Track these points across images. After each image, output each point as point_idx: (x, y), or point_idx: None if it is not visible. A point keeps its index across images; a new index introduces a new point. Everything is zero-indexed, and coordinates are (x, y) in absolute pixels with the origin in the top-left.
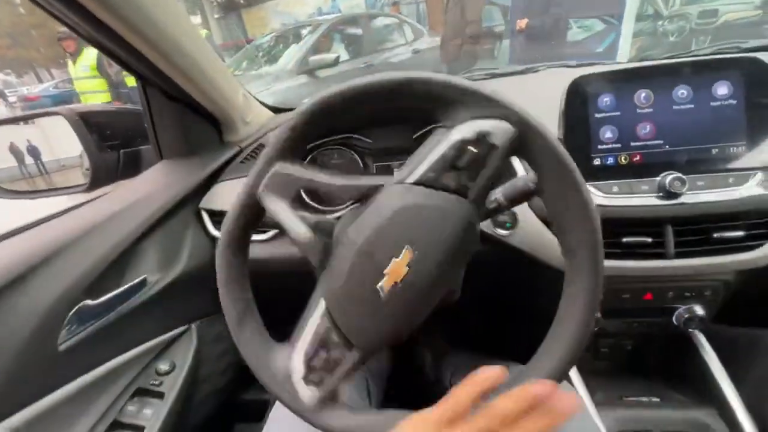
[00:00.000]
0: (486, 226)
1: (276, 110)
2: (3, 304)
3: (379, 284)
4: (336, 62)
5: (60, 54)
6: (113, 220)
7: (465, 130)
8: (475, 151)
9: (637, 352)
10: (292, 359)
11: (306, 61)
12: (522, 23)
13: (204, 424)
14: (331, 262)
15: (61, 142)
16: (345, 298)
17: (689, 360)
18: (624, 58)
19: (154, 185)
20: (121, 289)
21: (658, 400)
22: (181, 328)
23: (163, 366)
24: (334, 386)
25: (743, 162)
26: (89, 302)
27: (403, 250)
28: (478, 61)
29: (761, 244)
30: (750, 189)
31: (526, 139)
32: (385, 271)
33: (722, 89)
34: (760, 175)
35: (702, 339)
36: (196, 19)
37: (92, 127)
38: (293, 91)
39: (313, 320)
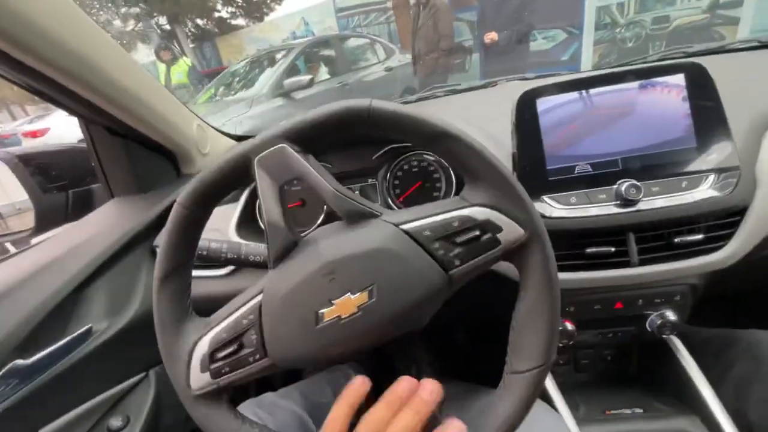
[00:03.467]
0: None
1: (239, 138)
2: None
3: (322, 310)
4: (311, 83)
5: None
6: (51, 266)
7: (480, 212)
8: (478, 235)
9: (617, 362)
10: (202, 337)
11: (281, 84)
12: (489, 36)
13: None
14: (286, 264)
15: (15, 187)
16: (282, 305)
17: (668, 366)
18: (588, 64)
19: (101, 225)
20: (61, 342)
21: (641, 411)
22: (137, 377)
23: (116, 422)
24: (228, 384)
25: (695, 165)
26: (21, 362)
27: (362, 291)
28: (451, 76)
29: (722, 245)
30: (703, 192)
31: (527, 250)
32: (333, 300)
33: (669, 94)
34: (712, 177)
35: (678, 344)
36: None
37: (34, 168)
38: (270, 114)
39: (241, 310)
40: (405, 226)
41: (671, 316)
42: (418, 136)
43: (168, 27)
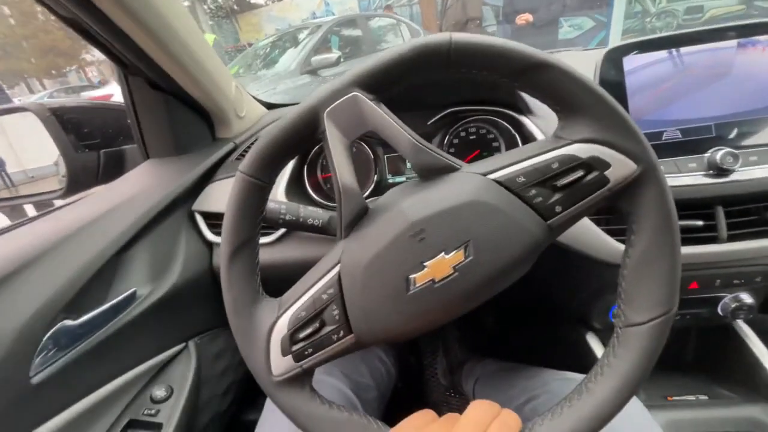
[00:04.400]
0: None
1: (270, 106)
2: None
3: (413, 275)
4: (338, 62)
5: (52, 64)
6: (96, 224)
7: (583, 150)
8: (582, 175)
9: (672, 347)
10: (279, 318)
11: (308, 61)
12: (524, 18)
13: None
14: (362, 230)
15: (29, 154)
16: (366, 275)
17: (733, 352)
18: None
19: (140, 186)
20: (108, 304)
21: (705, 398)
22: (178, 347)
23: (159, 392)
24: (311, 366)
25: None
26: (69, 322)
27: (456, 249)
28: None
29: None
30: None
31: (640, 186)
32: (425, 263)
33: None
34: None
35: (747, 329)
36: None
37: (67, 124)
38: (296, 91)
39: (319, 284)
40: (494, 176)
41: (747, 299)
42: (505, 68)
43: (187, 3)
